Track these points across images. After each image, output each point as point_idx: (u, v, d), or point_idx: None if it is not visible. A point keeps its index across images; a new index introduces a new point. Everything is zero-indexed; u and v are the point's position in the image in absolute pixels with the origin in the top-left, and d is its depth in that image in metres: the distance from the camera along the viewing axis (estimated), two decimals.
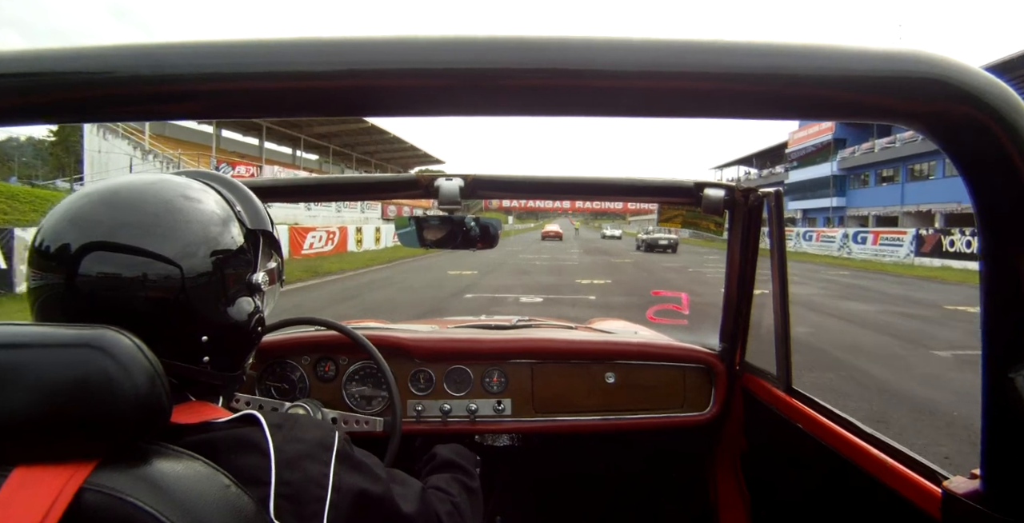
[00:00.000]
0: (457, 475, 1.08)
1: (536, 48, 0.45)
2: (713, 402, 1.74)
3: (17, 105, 0.47)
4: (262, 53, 0.46)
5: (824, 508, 1.29)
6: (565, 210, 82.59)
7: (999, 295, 0.56)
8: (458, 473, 1.10)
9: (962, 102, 0.46)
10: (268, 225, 0.81)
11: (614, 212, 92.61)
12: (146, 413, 0.55)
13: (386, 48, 0.45)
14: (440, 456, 1.16)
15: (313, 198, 1.82)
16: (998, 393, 0.57)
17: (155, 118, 0.51)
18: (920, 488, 0.90)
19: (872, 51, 0.46)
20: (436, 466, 1.14)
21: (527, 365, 1.73)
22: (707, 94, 0.47)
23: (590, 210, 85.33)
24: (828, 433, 1.20)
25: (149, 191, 0.68)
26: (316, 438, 0.68)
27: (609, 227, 63.43)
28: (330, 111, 0.50)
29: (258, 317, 0.77)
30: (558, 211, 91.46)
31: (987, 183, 0.51)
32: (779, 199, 1.44)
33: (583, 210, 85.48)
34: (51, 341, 0.54)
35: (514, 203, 7.76)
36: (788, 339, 1.44)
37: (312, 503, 0.63)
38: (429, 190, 1.52)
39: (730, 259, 1.68)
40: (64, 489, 0.50)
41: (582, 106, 0.48)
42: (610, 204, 44.33)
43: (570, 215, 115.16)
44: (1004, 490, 0.64)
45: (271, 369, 1.70)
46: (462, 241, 1.63)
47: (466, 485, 1.06)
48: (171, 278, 0.65)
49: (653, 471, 2.03)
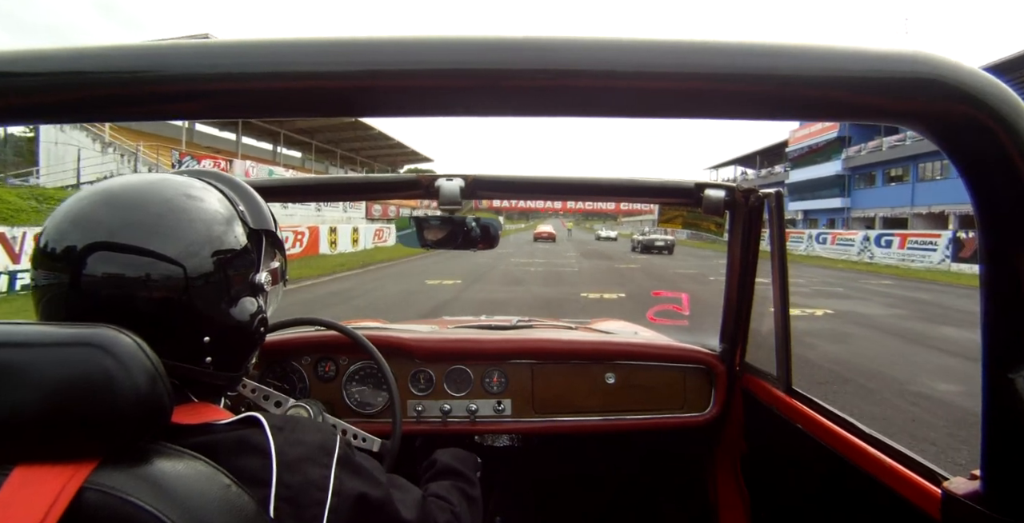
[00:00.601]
0: (458, 483, 1.08)
1: (535, 49, 0.46)
2: (713, 403, 1.74)
3: (18, 105, 0.47)
4: (264, 53, 0.46)
5: (824, 509, 1.29)
6: (556, 210, 79.84)
7: (999, 295, 0.55)
8: (459, 481, 1.09)
9: (961, 102, 0.46)
10: (271, 225, 0.81)
11: (605, 213, 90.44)
12: (147, 412, 0.55)
13: (386, 49, 0.46)
14: (440, 462, 1.15)
15: (315, 198, 1.82)
16: (998, 394, 0.57)
17: (156, 118, 0.52)
18: (920, 489, 0.90)
19: (870, 51, 0.46)
20: (437, 472, 1.13)
21: (527, 365, 1.73)
22: (707, 95, 0.47)
23: (581, 211, 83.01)
24: (828, 434, 1.20)
25: (151, 191, 0.68)
26: (317, 441, 0.68)
27: (604, 228, 60.86)
28: (330, 112, 0.50)
29: (261, 317, 0.77)
30: (549, 211, 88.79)
31: (987, 183, 0.51)
32: (780, 200, 1.44)
33: (574, 210, 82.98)
34: (52, 340, 0.54)
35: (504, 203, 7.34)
36: (788, 340, 1.44)
37: (312, 506, 0.63)
38: (430, 190, 1.52)
39: (730, 260, 1.68)
40: (65, 488, 0.50)
41: (585, 107, 0.48)
42: (602, 205, 41.39)
43: (561, 216, 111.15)
44: (1004, 491, 0.64)
45: (272, 369, 1.70)
46: (463, 242, 1.63)
47: (466, 493, 1.05)
48: (174, 278, 0.65)
49: (653, 472, 2.03)
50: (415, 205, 39.28)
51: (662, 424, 1.73)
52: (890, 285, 15.94)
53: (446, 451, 1.20)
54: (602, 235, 52.00)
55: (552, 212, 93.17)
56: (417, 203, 39.49)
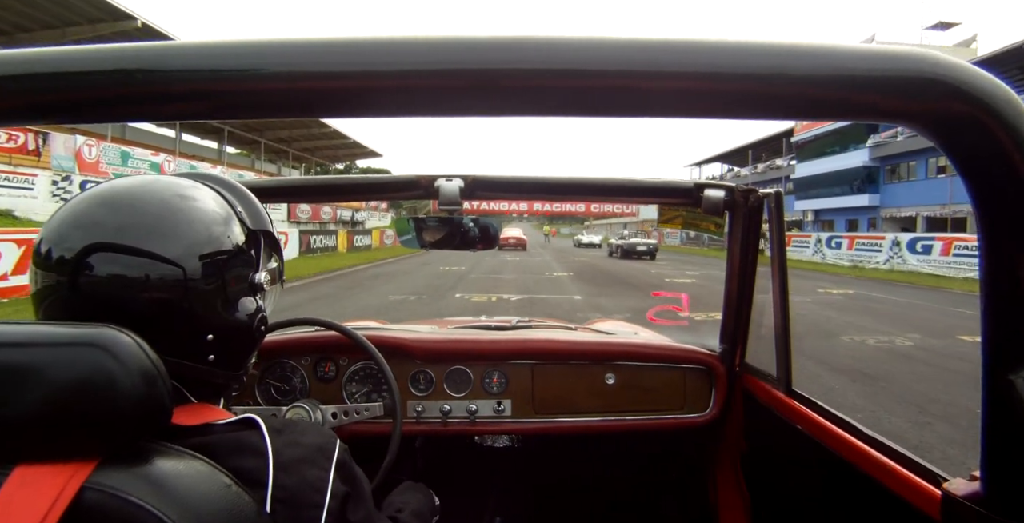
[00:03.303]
0: None
1: (534, 49, 0.46)
2: (713, 403, 1.75)
3: (19, 105, 0.48)
4: (265, 54, 0.46)
5: (824, 510, 1.29)
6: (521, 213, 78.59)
7: (999, 296, 0.56)
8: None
9: (961, 101, 0.46)
10: (269, 225, 0.82)
11: (573, 215, 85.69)
12: (147, 412, 0.55)
13: (385, 49, 0.46)
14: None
15: (311, 199, 1.81)
16: (998, 395, 0.58)
17: (157, 118, 0.52)
18: (920, 490, 0.90)
19: (870, 51, 0.47)
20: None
21: (527, 366, 1.73)
22: (705, 94, 0.48)
23: (548, 213, 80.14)
24: (828, 435, 1.20)
25: (150, 192, 0.68)
26: (316, 443, 0.68)
27: (585, 232, 52.36)
28: (331, 112, 0.51)
29: (260, 316, 0.78)
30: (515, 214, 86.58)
31: (987, 183, 0.51)
32: (779, 200, 1.45)
33: (540, 213, 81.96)
34: (52, 340, 0.54)
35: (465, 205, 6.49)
36: (788, 340, 1.44)
37: (309, 508, 0.62)
38: (429, 190, 1.52)
39: (730, 260, 1.69)
40: (65, 488, 0.51)
41: (583, 107, 0.48)
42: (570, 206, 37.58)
43: (525, 219, 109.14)
44: (1004, 492, 0.64)
45: (271, 369, 1.70)
46: (461, 242, 1.64)
47: None
48: (174, 279, 0.65)
49: (653, 472, 2.03)
50: (359, 207, 36.84)
51: (662, 425, 1.74)
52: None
53: (404, 503, 1.15)
54: (583, 241, 44.59)
55: (517, 214, 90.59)
56: (362, 205, 36.37)
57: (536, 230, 73.05)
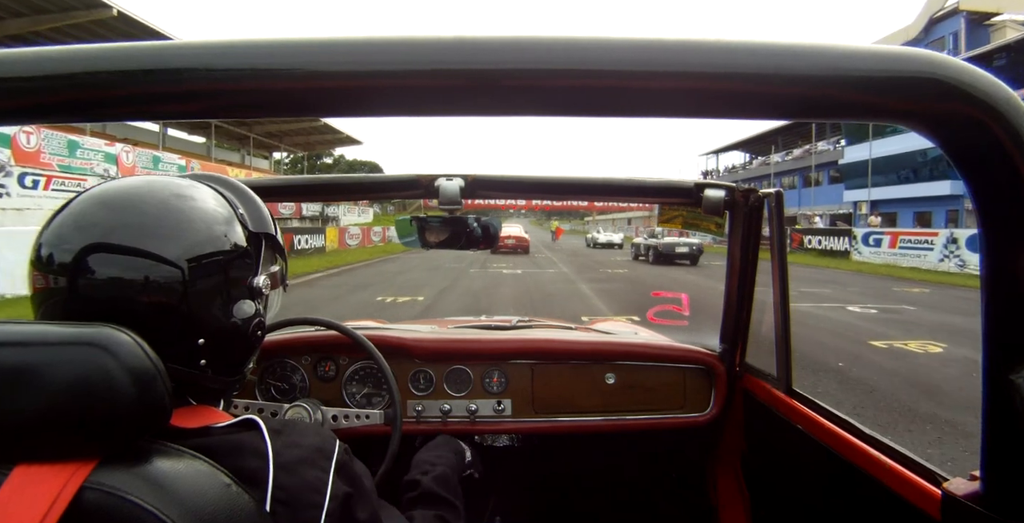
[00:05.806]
0: (442, 512, 1.07)
1: (534, 49, 0.46)
2: (713, 403, 1.75)
3: (19, 105, 0.48)
4: (266, 54, 0.46)
5: (824, 509, 1.29)
6: (519, 207, 63.99)
7: (999, 296, 0.56)
8: (443, 509, 1.08)
9: (961, 101, 0.47)
10: (271, 228, 0.81)
11: (573, 210, 76.25)
12: (147, 412, 0.55)
13: (386, 49, 0.46)
14: (424, 486, 1.12)
15: (313, 198, 1.80)
16: (998, 395, 0.58)
17: (156, 118, 0.52)
18: (920, 490, 0.90)
19: (869, 51, 0.47)
20: (420, 498, 1.11)
21: (527, 365, 1.73)
22: (705, 94, 0.48)
23: (548, 208, 65.82)
24: (828, 434, 1.20)
25: (149, 192, 0.68)
26: (315, 444, 0.67)
27: (602, 229, 43.79)
28: (332, 111, 0.51)
29: (258, 321, 0.76)
30: (512, 209, 71.37)
31: (987, 182, 0.52)
32: (779, 200, 1.45)
33: (538, 208, 69.21)
34: (52, 339, 0.54)
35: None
36: (788, 340, 1.44)
37: (308, 509, 0.62)
38: (429, 190, 1.52)
39: (730, 260, 1.69)
40: (65, 488, 0.51)
41: (584, 107, 0.48)
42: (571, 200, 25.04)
43: (523, 214, 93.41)
44: (1004, 492, 0.64)
45: (271, 369, 1.70)
46: (464, 242, 1.63)
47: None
48: (172, 280, 0.65)
49: (653, 472, 2.03)
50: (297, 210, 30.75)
51: (662, 424, 1.74)
52: None
53: (429, 475, 1.16)
54: (600, 240, 35.66)
55: (515, 210, 74.58)
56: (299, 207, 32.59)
57: (536, 226, 67.61)
